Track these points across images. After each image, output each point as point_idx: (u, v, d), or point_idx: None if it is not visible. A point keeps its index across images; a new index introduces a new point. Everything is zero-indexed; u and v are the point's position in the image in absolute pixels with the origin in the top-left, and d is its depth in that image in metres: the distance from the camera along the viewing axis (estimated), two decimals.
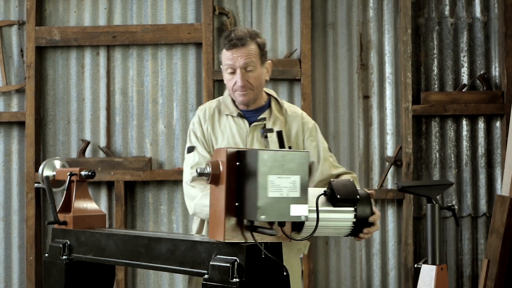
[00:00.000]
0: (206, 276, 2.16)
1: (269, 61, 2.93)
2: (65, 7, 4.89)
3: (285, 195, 2.06)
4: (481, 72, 4.82)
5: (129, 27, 4.78)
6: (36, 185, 3.87)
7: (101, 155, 4.83)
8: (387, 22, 4.83)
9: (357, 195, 2.36)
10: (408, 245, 4.65)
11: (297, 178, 2.07)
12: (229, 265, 2.09)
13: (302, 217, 2.08)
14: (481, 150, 4.81)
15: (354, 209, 2.37)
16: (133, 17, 4.87)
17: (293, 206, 2.07)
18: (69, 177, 2.83)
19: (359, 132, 4.81)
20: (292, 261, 2.93)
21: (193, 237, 2.44)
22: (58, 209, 2.84)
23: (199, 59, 4.80)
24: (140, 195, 4.83)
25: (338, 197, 2.31)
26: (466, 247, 4.81)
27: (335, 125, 4.82)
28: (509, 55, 4.71)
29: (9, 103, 4.88)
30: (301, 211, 2.08)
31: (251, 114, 2.94)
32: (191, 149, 2.95)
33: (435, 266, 3.03)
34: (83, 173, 2.84)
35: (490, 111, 4.72)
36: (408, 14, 4.70)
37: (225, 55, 2.85)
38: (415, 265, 3.14)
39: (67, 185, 2.84)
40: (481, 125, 4.82)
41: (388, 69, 4.82)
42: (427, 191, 3.12)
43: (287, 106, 3.01)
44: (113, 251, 2.59)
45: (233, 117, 2.93)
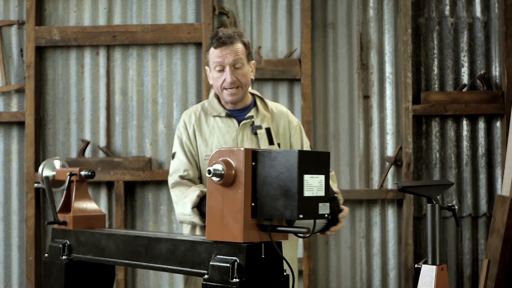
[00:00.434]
0: (206, 276, 2.16)
1: (253, 61, 3.00)
2: (65, 7, 4.89)
3: (315, 194, 2.12)
4: (481, 72, 4.82)
5: (129, 27, 4.78)
6: (36, 185, 3.86)
7: (101, 155, 4.83)
8: (387, 22, 4.83)
9: (334, 193, 2.49)
10: (408, 245, 4.65)
11: (322, 177, 2.15)
12: (229, 265, 2.08)
13: (326, 215, 2.16)
14: (481, 150, 4.81)
15: (330, 206, 2.43)
16: (133, 17, 4.87)
17: (320, 204, 2.14)
18: (69, 177, 2.83)
19: (359, 132, 4.81)
20: (292, 256, 3.01)
21: (193, 237, 2.43)
22: (58, 209, 2.84)
23: (199, 59, 4.80)
24: (140, 195, 4.83)
25: None
26: (466, 247, 4.80)
27: (335, 125, 4.81)
28: (509, 55, 4.70)
29: (9, 103, 4.88)
30: (325, 209, 2.16)
31: (238, 113, 2.99)
32: (173, 155, 3.02)
33: (435, 266, 3.03)
34: (83, 173, 2.84)
35: (490, 111, 4.72)
36: (408, 14, 4.70)
37: (214, 53, 2.90)
38: (415, 265, 3.13)
39: (67, 185, 2.84)
40: (481, 125, 4.81)
41: (388, 69, 4.82)
42: (427, 191, 3.11)
43: (272, 104, 3.09)
44: (113, 251, 2.58)
45: (221, 117, 2.98)
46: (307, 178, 2.10)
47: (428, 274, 3.02)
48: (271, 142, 2.94)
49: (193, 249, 2.26)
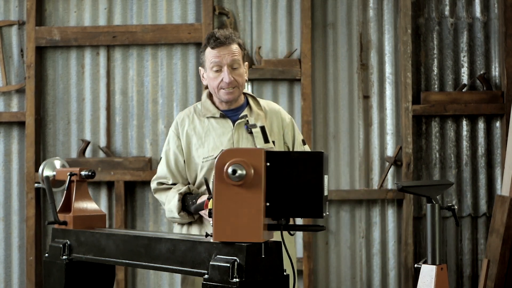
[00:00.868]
0: (206, 276, 2.16)
1: (246, 63, 3.01)
2: (65, 7, 4.89)
3: (326, 193, 2.22)
4: (481, 72, 4.82)
5: (129, 27, 4.78)
6: (36, 185, 3.86)
7: (101, 155, 4.83)
8: (387, 22, 4.83)
9: None
10: (408, 245, 4.65)
11: (326, 177, 2.23)
12: (229, 265, 2.09)
13: (327, 212, 2.25)
14: (481, 150, 4.81)
15: None
16: (133, 17, 4.87)
17: (326, 203, 2.23)
18: (69, 177, 2.84)
19: (359, 132, 4.81)
20: (292, 254, 3.01)
21: (193, 237, 2.44)
22: (58, 209, 2.84)
23: (199, 59, 4.79)
24: (140, 195, 4.83)
25: None
26: (466, 247, 4.81)
27: (335, 125, 4.82)
28: (509, 55, 4.70)
29: (9, 103, 4.88)
30: (327, 208, 2.24)
31: (232, 113, 3.00)
32: (160, 159, 3.08)
33: (435, 266, 3.03)
34: (83, 173, 2.84)
35: (490, 111, 4.72)
36: (408, 14, 4.70)
37: (211, 53, 2.92)
38: (415, 265, 3.14)
39: (67, 185, 2.84)
40: (481, 125, 4.82)
41: (388, 69, 4.82)
42: (427, 191, 3.12)
43: (264, 102, 3.10)
44: (113, 251, 2.59)
45: (215, 118, 2.98)
46: (326, 178, 2.20)
47: (428, 274, 3.02)
48: (266, 140, 2.95)
49: (193, 249, 2.26)
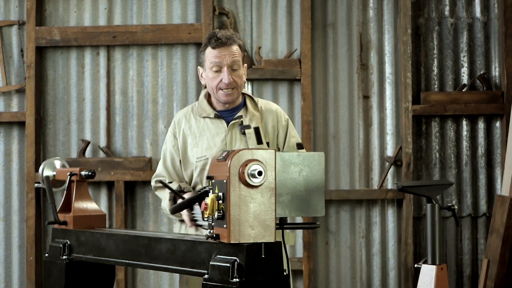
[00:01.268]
0: (206, 276, 2.16)
1: (245, 64, 3.00)
2: (65, 7, 4.89)
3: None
4: (481, 72, 4.82)
5: (129, 27, 4.78)
6: (36, 185, 3.86)
7: (101, 155, 4.83)
8: (387, 22, 4.83)
9: None
10: (408, 245, 4.65)
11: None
12: (229, 265, 2.08)
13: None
14: (481, 150, 4.81)
15: None
16: (133, 17, 4.87)
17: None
18: (69, 177, 2.84)
19: (359, 132, 4.81)
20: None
21: (193, 237, 2.43)
22: (58, 209, 2.84)
23: (199, 61, 4.79)
24: (140, 195, 4.84)
25: None
26: (466, 247, 4.81)
27: (335, 125, 4.82)
28: (509, 55, 4.71)
29: (9, 103, 4.88)
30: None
31: (228, 113, 2.99)
32: (161, 157, 3.12)
33: (435, 266, 3.03)
34: (83, 173, 2.84)
35: (490, 111, 4.73)
36: (408, 14, 4.70)
37: (211, 53, 2.91)
38: (415, 265, 3.14)
39: (67, 185, 2.84)
40: (481, 125, 4.82)
41: (388, 69, 4.82)
42: (427, 191, 3.12)
43: (262, 102, 3.08)
44: (113, 251, 2.59)
45: (210, 118, 2.98)
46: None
47: (428, 274, 3.03)
48: (259, 141, 2.93)
49: (193, 249, 2.26)
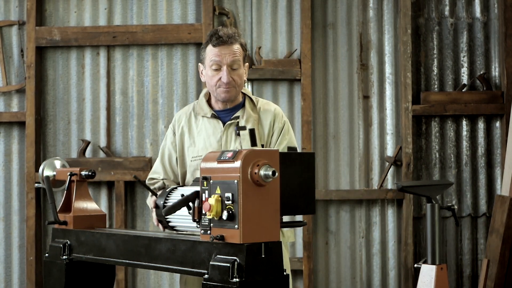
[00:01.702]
0: (206, 276, 2.16)
1: (247, 63, 2.98)
2: (65, 7, 4.89)
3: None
4: (481, 72, 4.82)
5: (129, 27, 4.79)
6: (36, 185, 3.86)
7: (101, 155, 4.83)
8: (387, 22, 4.83)
9: None
10: (408, 245, 4.65)
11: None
12: (229, 265, 2.08)
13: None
14: (481, 150, 4.81)
15: None
16: (133, 17, 4.87)
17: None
18: (69, 177, 2.84)
19: (359, 132, 4.81)
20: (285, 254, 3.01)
21: (193, 237, 2.44)
22: (58, 209, 2.85)
23: (199, 59, 4.79)
24: (140, 195, 4.84)
25: None
26: (466, 247, 4.81)
27: (335, 125, 4.82)
28: (509, 55, 4.71)
29: (9, 103, 4.88)
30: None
31: (225, 113, 2.97)
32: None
33: (435, 266, 3.04)
34: (83, 173, 2.84)
35: (490, 111, 4.73)
36: (408, 14, 4.70)
37: (212, 51, 2.89)
38: (415, 265, 3.14)
39: (67, 185, 2.84)
40: (481, 125, 4.82)
41: (388, 69, 4.82)
42: (427, 191, 3.13)
43: (262, 103, 3.03)
44: (113, 251, 2.59)
45: (207, 118, 2.97)
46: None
47: (427, 273, 3.03)
48: (254, 143, 2.89)
49: (193, 249, 2.26)
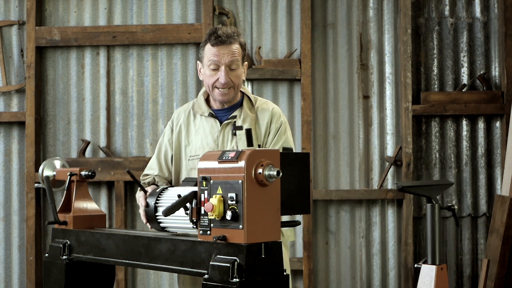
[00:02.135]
0: (206, 276, 2.16)
1: (246, 63, 2.95)
2: (65, 7, 4.89)
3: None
4: (481, 72, 4.82)
5: (129, 27, 4.79)
6: (36, 185, 3.87)
7: (101, 155, 4.83)
8: (387, 22, 4.83)
9: None
10: (408, 245, 4.65)
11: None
12: (229, 265, 2.08)
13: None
14: (481, 150, 4.81)
15: None
16: (133, 17, 4.87)
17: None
18: (69, 177, 2.84)
19: (359, 132, 4.81)
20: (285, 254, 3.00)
21: (193, 237, 2.44)
22: (58, 209, 2.85)
23: (199, 53, 4.79)
24: None
25: None
26: (466, 247, 4.81)
27: (335, 125, 4.82)
28: (509, 55, 4.71)
29: (9, 103, 4.88)
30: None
31: (223, 113, 2.95)
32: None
33: (435, 266, 3.03)
34: (83, 173, 2.84)
35: (490, 111, 4.73)
36: (408, 14, 4.70)
37: (210, 51, 2.85)
38: (415, 265, 3.14)
39: (67, 185, 2.84)
40: (481, 125, 4.82)
41: (388, 69, 4.82)
42: (427, 191, 3.12)
43: (260, 102, 3.00)
44: (113, 251, 2.59)
45: (205, 117, 2.95)
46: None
47: (427, 274, 3.03)
48: (250, 143, 2.88)
49: (193, 249, 2.26)
